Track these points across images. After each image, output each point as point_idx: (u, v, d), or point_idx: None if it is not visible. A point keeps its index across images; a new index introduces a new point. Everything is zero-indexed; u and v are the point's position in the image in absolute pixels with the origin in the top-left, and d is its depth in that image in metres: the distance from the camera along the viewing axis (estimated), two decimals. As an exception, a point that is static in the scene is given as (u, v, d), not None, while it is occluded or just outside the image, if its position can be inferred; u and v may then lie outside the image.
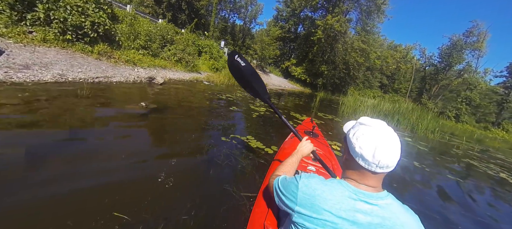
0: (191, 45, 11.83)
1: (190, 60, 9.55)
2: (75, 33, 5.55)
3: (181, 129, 3.03)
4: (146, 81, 5.72)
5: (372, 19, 25.08)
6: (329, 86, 28.25)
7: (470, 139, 12.68)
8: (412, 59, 36.12)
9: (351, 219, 0.61)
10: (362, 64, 26.18)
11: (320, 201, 0.65)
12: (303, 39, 28.96)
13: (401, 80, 39.72)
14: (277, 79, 25.26)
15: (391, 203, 0.64)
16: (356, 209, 0.62)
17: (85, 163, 1.77)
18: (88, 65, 5.10)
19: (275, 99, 9.60)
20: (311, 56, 27.71)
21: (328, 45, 25.18)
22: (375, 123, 0.68)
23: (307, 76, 27.32)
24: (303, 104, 10.53)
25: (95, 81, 4.52)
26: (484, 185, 4.00)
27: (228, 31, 42.95)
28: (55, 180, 1.50)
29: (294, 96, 15.40)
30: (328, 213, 0.63)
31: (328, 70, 26.51)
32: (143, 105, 3.45)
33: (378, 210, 0.62)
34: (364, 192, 0.64)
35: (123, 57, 6.36)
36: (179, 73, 8.36)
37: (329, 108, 11.27)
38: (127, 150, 2.10)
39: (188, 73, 9.09)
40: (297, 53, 30.72)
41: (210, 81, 9.10)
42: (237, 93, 7.53)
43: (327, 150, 2.14)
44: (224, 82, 9.90)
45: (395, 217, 0.61)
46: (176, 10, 31.29)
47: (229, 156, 2.47)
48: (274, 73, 27.85)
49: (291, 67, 28.81)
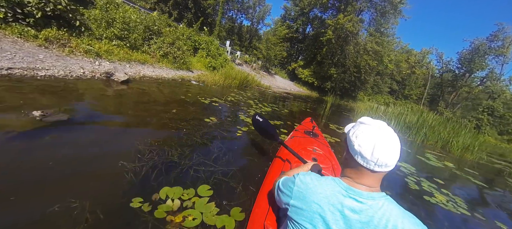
0: (184, 39, 10.45)
1: (179, 55, 8.14)
2: (12, 11, 4.22)
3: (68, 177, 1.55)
4: (102, 77, 4.31)
5: (386, 19, 23.17)
6: (338, 90, 26.44)
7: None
8: (429, 64, 33.77)
9: (338, 213, 0.63)
10: (374, 68, 24.26)
11: (310, 194, 0.68)
12: (312, 40, 27.30)
13: (412, 86, 37.51)
14: (283, 81, 23.68)
15: (386, 205, 0.62)
16: (344, 205, 0.63)
17: None
18: (20, 52, 3.74)
19: (279, 104, 8.11)
20: (319, 58, 25.99)
21: (339, 46, 23.43)
22: (375, 122, 0.69)
23: (314, 79, 25.62)
24: (310, 111, 8.92)
25: (10, 73, 3.14)
26: None
27: (235, 31, 42.10)
28: None
29: (300, 101, 13.84)
30: (316, 206, 0.65)
31: (338, 73, 24.73)
32: (35, 116, 2.00)
33: (368, 209, 0.61)
34: (355, 190, 0.65)
35: (82, 46, 4.99)
36: (161, 70, 6.96)
37: (341, 117, 9.66)
38: None
39: (175, 71, 7.69)
40: (305, 54, 29.04)
41: (200, 81, 7.66)
42: (230, 97, 6.06)
43: (327, 150, 2.06)
44: (218, 83, 8.44)
45: (385, 219, 0.59)
46: (183, 9, 30.63)
47: None
48: (280, 75, 26.28)
49: (298, 69, 27.15)
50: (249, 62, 20.49)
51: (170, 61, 7.85)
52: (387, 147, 0.62)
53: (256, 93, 9.15)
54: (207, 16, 36.20)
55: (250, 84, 11.42)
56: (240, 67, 18.40)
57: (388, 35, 23.76)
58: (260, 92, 10.83)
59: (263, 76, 20.24)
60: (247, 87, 10.56)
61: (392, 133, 0.66)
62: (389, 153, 0.62)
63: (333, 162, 1.75)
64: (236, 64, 18.22)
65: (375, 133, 0.65)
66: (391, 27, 23.57)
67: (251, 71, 19.29)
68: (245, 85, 10.28)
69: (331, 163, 1.68)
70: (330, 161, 1.73)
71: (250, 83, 11.36)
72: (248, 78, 10.90)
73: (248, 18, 46.78)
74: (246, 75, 10.40)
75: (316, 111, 9.54)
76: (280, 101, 9.98)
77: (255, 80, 12.46)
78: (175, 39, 8.54)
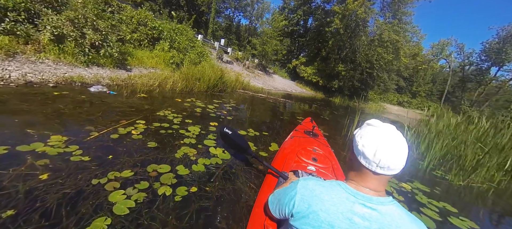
0: (128, 21, 7.20)
1: (85, 43, 4.70)
2: None
3: None
4: None
5: (403, 1, 19.35)
6: (346, 90, 22.89)
7: None
8: (449, 56, 29.86)
9: (348, 221, 0.59)
10: (390, 62, 20.58)
11: (317, 202, 0.64)
12: (315, 33, 23.79)
13: (420, 82, 34.05)
14: (282, 81, 20.26)
15: (394, 210, 0.60)
16: (354, 212, 0.60)
17: None
18: None
19: (279, 108, 4.77)
20: (324, 53, 22.47)
21: (347, 38, 19.91)
22: (383, 125, 0.66)
23: (319, 78, 22.10)
24: (318, 122, 5.51)
25: None
26: None
27: (232, 30, 39.47)
28: None
29: (303, 102, 10.43)
30: (324, 214, 0.62)
31: (346, 70, 21.17)
32: None
33: (378, 215, 0.59)
34: (364, 195, 0.62)
35: None
36: (42, 67, 3.68)
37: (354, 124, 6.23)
38: None
39: (81, 69, 4.40)
40: (307, 50, 25.52)
41: (117, 89, 4.26)
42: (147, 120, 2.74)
43: (327, 150, 2.02)
44: (176, 86, 5.18)
45: (396, 226, 0.57)
46: (174, 6, 28.14)
47: None
48: (279, 74, 22.86)
49: (300, 67, 23.70)
50: (242, 60, 17.16)
51: (70, 52, 4.50)
52: (391, 149, 0.60)
53: (233, 101, 5.77)
54: (201, 14, 33.39)
55: (233, 87, 8.06)
56: (229, 65, 15.07)
57: (406, 23, 20.05)
58: (246, 97, 7.46)
59: (258, 75, 16.88)
60: (225, 91, 7.20)
61: (399, 137, 0.63)
62: (393, 156, 0.59)
63: (333, 162, 1.71)
64: (224, 62, 14.93)
65: (381, 135, 0.63)
66: (410, 12, 19.81)
67: (242, 70, 15.97)
68: (221, 89, 6.93)
69: (331, 163, 1.63)
70: (330, 161, 1.68)
71: (233, 86, 8.00)
72: (226, 78, 7.55)
73: (246, 16, 43.99)
74: (220, 74, 7.03)
75: (328, 122, 6.11)
76: (277, 107, 6.63)
77: (241, 81, 9.08)
78: (96, 14, 5.21)
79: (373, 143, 0.61)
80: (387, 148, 0.59)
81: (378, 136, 0.62)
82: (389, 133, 0.62)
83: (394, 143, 0.60)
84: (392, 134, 0.62)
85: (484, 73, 27.79)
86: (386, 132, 0.63)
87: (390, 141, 0.60)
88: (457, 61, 29.57)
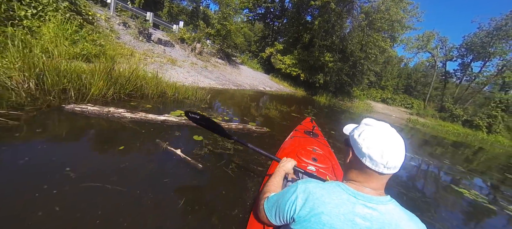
0: None
1: None
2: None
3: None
4: None
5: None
6: (331, 86, 18.53)
7: None
8: (434, 50, 27.66)
9: (350, 223, 0.59)
10: (386, 51, 16.55)
11: (319, 205, 0.63)
12: (295, 13, 18.65)
13: (388, 77, 32.94)
14: (253, 74, 14.80)
15: (393, 209, 0.61)
16: (355, 213, 0.60)
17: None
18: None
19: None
20: (306, 38, 17.55)
21: (338, 19, 15.20)
22: (379, 124, 0.67)
23: (300, 70, 17.20)
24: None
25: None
26: None
27: (199, 16, 33.24)
28: None
29: (279, 102, 5.43)
30: (326, 217, 0.61)
31: (334, 62, 16.63)
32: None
33: (378, 215, 0.59)
34: (364, 195, 0.62)
35: None
36: None
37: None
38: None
39: None
40: (286, 36, 20.37)
41: None
42: None
43: (327, 150, 2.03)
44: None
45: (395, 224, 0.58)
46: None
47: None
48: (249, 65, 17.33)
49: (276, 56, 18.48)
50: (189, 42, 11.16)
51: None
52: (395, 149, 0.60)
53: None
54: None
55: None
56: (167, 48, 9.10)
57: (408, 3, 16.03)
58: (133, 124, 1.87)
59: (215, 66, 11.14)
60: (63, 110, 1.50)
61: (397, 135, 0.64)
62: (398, 155, 0.60)
63: (333, 162, 1.72)
64: (154, 42, 8.88)
65: (383, 135, 0.62)
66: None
67: (188, 57, 10.11)
68: None
69: (331, 163, 1.65)
70: (330, 161, 1.70)
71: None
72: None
73: (216, 1, 37.50)
74: None
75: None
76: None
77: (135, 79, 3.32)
78: None
79: (378, 145, 0.61)
80: (393, 148, 0.60)
81: (382, 137, 0.62)
82: (390, 132, 0.63)
83: (396, 142, 0.61)
84: (392, 133, 0.63)
85: (466, 68, 26.24)
86: (386, 132, 0.63)
87: (394, 141, 0.61)
88: (440, 55, 27.66)
